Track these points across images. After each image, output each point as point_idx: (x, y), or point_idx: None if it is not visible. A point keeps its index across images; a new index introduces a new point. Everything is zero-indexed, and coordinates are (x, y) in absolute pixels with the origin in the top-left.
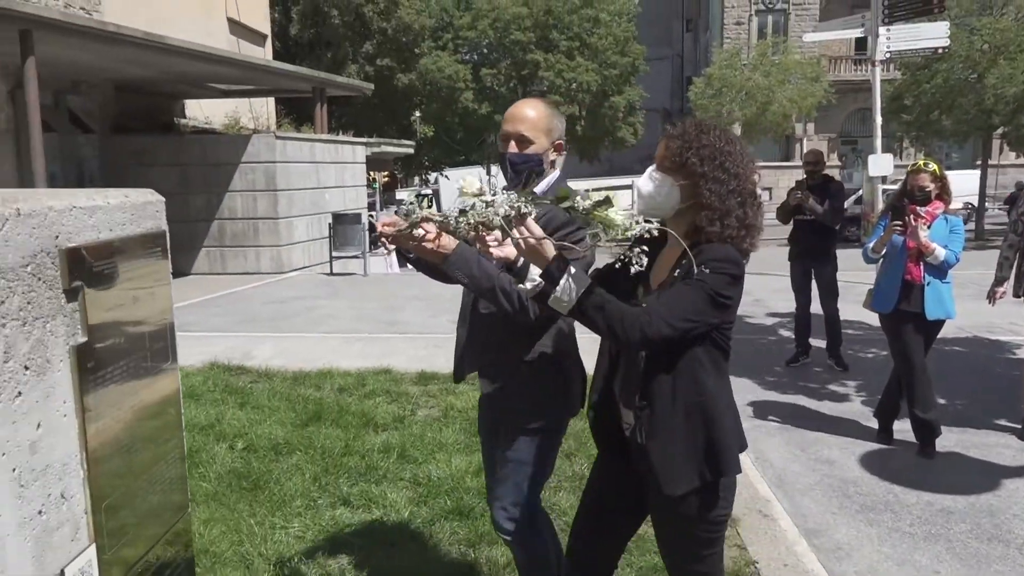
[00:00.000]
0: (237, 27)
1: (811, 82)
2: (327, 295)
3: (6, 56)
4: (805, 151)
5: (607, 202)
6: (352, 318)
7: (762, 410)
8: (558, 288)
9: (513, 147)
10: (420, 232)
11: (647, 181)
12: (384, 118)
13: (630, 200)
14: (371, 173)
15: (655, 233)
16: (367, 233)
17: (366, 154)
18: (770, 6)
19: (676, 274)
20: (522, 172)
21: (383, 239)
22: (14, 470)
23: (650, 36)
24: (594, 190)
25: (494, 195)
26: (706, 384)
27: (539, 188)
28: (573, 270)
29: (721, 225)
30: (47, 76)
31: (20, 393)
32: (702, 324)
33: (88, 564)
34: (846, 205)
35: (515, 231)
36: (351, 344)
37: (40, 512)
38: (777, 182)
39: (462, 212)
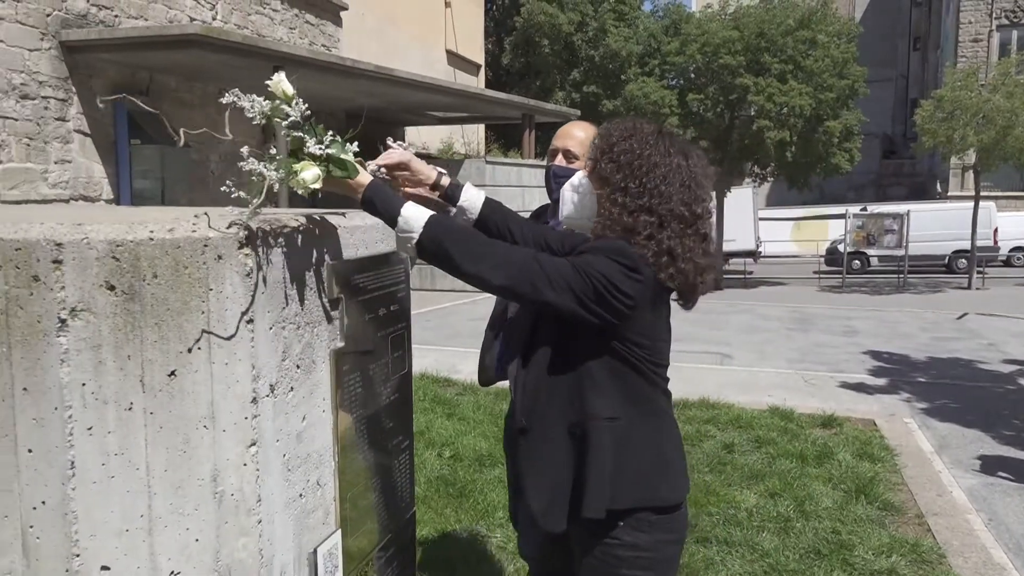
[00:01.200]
0: (454, 58)
1: None
2: None
3: (263, 90)
4: None
5: (337, 164)
6: None
7: (993, 466)
8: (400, 219)
9: (560, 160)
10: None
11: (572, 185)
12: None
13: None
14: None
15: (300, 193)
16: None
17: None
18: (1015, 20)
19: None
20: (564, 184)
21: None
22: (284, 455)
23: (871, 56)
24: (801, 219)
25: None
26: (593, 404)
27: None
28: (409, 201)
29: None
30: None
31: (292, 388)
32: (564, 292)
33: (335, 547)
34: None
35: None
36: None
37: (301, 495)
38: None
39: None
